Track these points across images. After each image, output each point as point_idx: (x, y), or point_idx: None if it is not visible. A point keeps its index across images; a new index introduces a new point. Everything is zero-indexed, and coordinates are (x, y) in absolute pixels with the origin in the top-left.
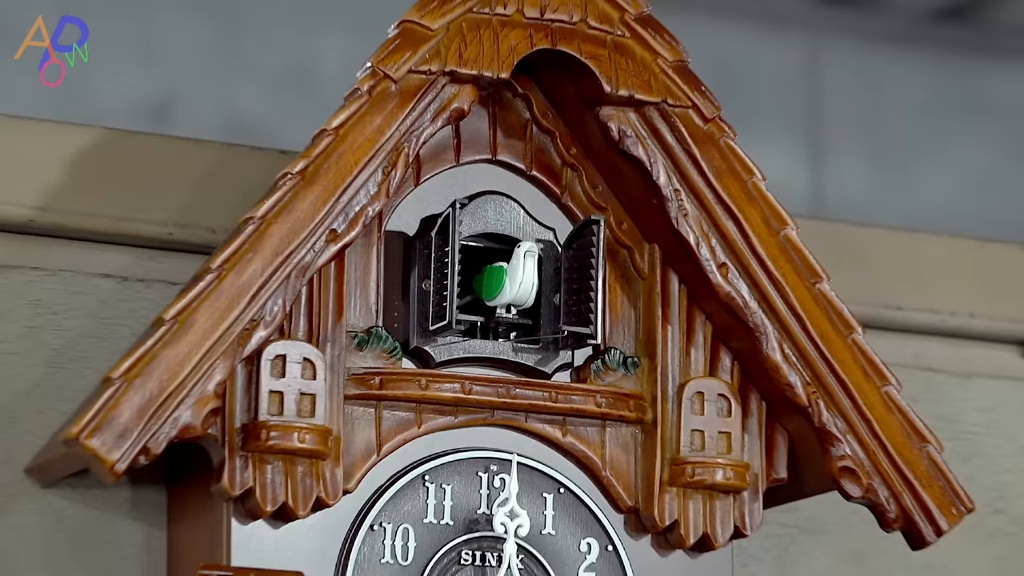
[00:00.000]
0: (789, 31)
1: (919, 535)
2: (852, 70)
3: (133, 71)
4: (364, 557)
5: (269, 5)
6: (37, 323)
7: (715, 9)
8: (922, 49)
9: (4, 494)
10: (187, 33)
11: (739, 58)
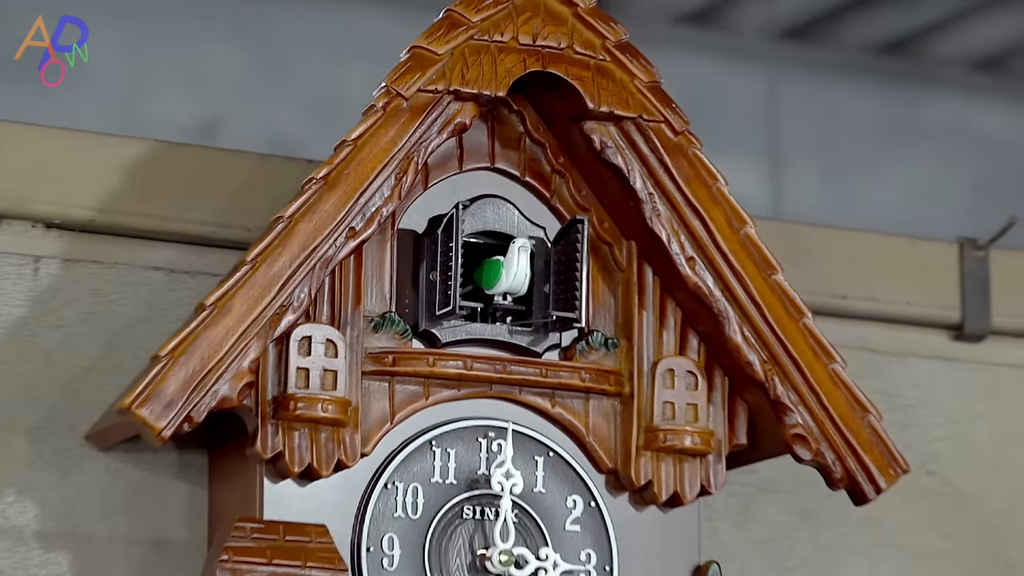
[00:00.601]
0: (752, 63)
1: (861, 493)
2: (807, 97)
3: (182, 95)
4: (379, 512)
5: (302, 38)
6: (96, 310)
7: (688, 44)
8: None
9: (67, 458)
10: (229, 62)
11: (709, 87)
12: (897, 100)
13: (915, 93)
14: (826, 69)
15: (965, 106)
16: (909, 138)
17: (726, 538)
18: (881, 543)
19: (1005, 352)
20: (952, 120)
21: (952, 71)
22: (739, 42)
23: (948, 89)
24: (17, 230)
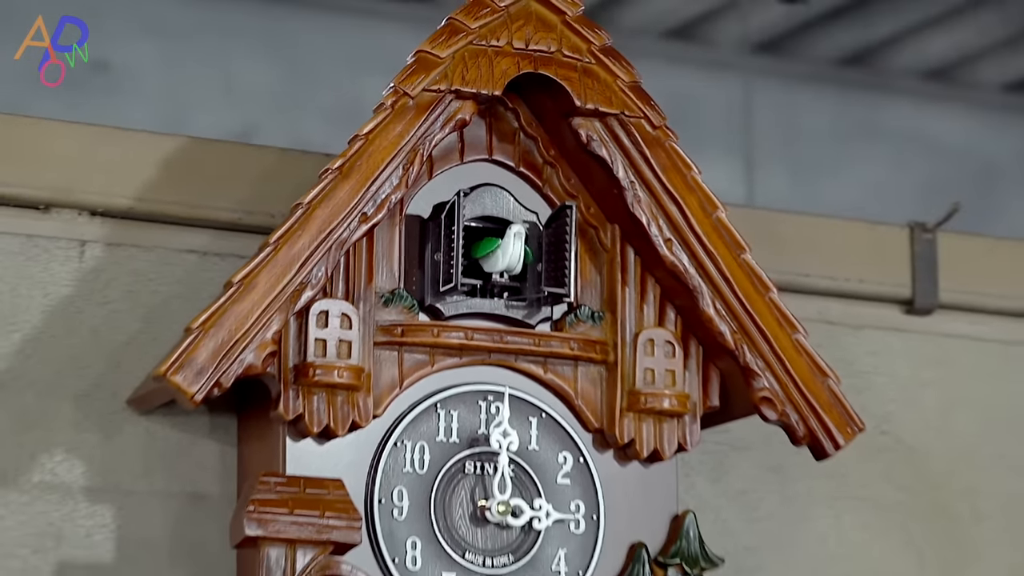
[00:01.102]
0: (728, 74)
1: (822, 449)
2: (776, 104)
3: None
4: (390, 467)
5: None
6: (136, 288)
7: (671, 57)
8: (830, 87)
9: (110, 421)
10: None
11: (689, 94)
12: (856, 106)
13: (872, 100)
14: (793, 79)
15: (916, 112)
16: (866, 140)
17: (702, 491)
18: (843, 495)
19: (951, 325)
20: (905, 124)
21: (905, 80)
22: (716, 55)
23: (901, 97)
24: (65, 217)
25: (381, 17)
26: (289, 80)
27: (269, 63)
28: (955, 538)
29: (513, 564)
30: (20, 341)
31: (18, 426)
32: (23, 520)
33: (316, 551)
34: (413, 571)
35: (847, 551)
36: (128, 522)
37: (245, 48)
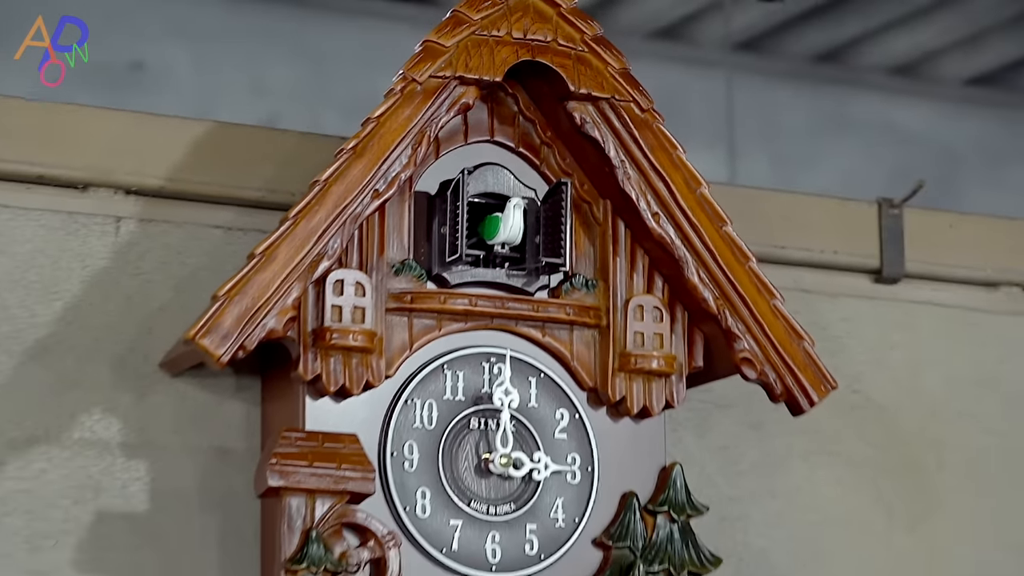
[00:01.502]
0: (711, 71)
1: (798, 405)
2: (756, 98)
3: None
4: (400, 423)
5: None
6: (168, 260)
7: (659, 55)
8: (805, 82)
9: (143, 383)
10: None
11: (675, 90)
12: (829, 100)
13: (843, 94)
14: (772, 75)
15: (884, 104)
16: (838, 130)
17: (687, 445)
18: (817, 450)
19: (916, 292)
20: (873, 116)
21: (874, 76)
22: (700, 54)
23: (870, 91)
24: (102, 196)
25: (392, 19)
26: (309, 77)
27: (291, 62)
28: (921, 489)
29: (515, 512)
30: (61, 309)
31: (59, 387)
32: (65, 473)
33: (333, 500)
34: (423, 519)
35: (821, 502)
36: (161, 475)
37: (270, 48)
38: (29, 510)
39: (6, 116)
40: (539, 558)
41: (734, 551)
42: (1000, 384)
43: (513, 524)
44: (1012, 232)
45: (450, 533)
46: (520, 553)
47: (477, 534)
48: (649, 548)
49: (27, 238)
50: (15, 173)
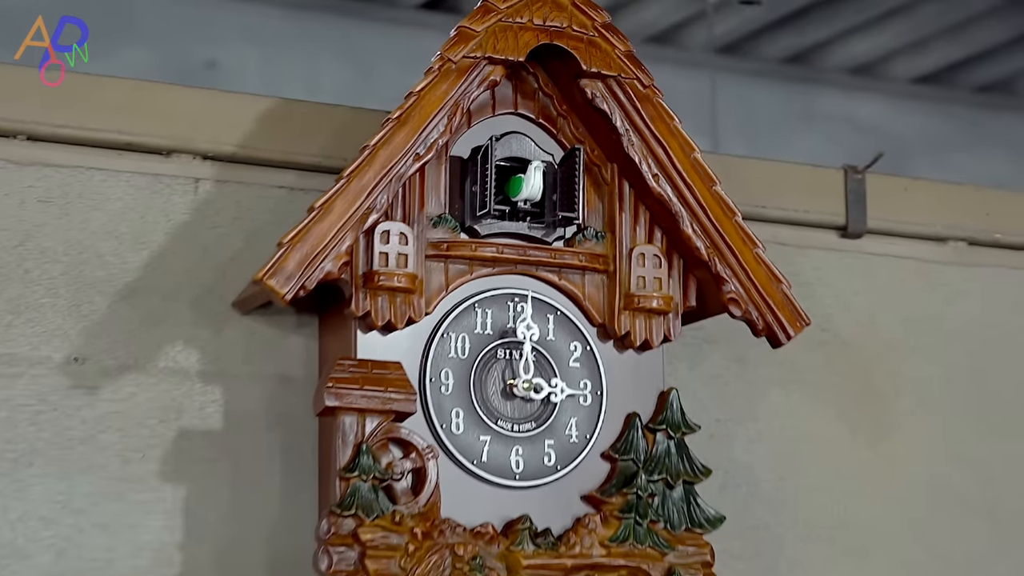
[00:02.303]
0: (697, 71)
1: (776, 339)
2: (735, 94)
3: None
4: (438, 353)
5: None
6: (239, 215)
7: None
8: (778, 81)
9: (218, 320)
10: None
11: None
12: (797, 95)
13: (810, 90)
14: (749, 74)
15: (844, 99)
16: (806, 122)
17: (682, 374)
18: (792, 379)
19: (876, 246)
20: (835, 109)
21: (836, 75)
22: (688, 56)
23: (833, 87)
24: (183, 160)
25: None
26: (355, 76)
27: (340, 62)
28: (880, 412)
29: (535, 430)
30: (148, 256)
31: (147, 323)
32: (151, 396)
33: (381, 419)
34: (457, 435)
35: (796, 422)
36: (232, 398)
37: (322, 51)
38: (121, 428)
39: (101, 92)
40: (556, 469)
41: (721, 464)
42: (946, 323)
43: (534, 440)
44: (957, 195)
45: (480, 447)
46: (540, 464)
47: (503, 448)
48: (650, 460)
49: (119, 196)
50: (109, 141)
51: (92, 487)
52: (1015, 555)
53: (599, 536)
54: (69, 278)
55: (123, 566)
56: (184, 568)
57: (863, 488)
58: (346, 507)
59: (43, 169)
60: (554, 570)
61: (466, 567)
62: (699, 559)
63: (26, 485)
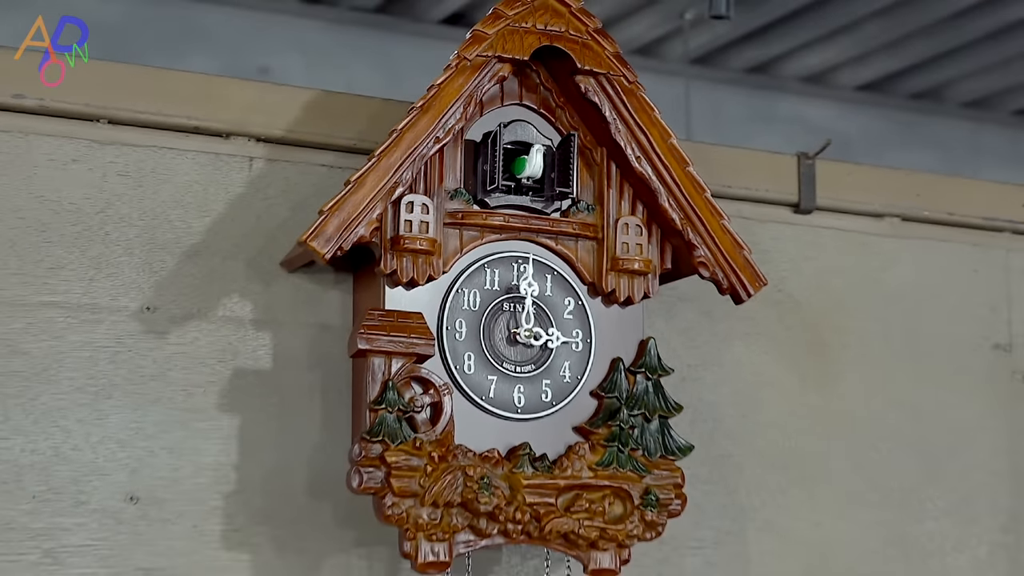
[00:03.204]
0: (673, 79)
1: (739, 296)
2: (706, 99)
3: None
4: (453, 306)
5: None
6: (286, 189)
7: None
8: (742, 87)
9: (267, 277)
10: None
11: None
12: (759, 100)
13: (769, 96)
14: (717, 82)
15: (798, 104)
16: (766, 123)
17: (659, 327)
18: (752, 332)
19: (824, 220)
20: (791, 112)
21: (791, 83)
22: (666, 66)
23: (789, 94)
24: (240, 142)
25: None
26: (387, 79)
27: (374, 69)
28: (826, 361)
29: (534, 371)
30: (210, 223)
31: (208, 279)
32: (211, 341)
33: (404, 360)
34: (468, 374)
35: (754, 368)
36: (280, 343)
37: (359, 60)
38: (185, 367)
39: (172, 84)
40: (551, 404)
41: (691, 402)
42: (882, 286)
43: (533, 379)
44: (892, 178)
45: (488, 385)
46: (538, 400)
47: (507, 386)
48: (631, 398)
49: (185, 171)
50: (178, 125)
51: (160, 416)
52: (940, 483)
53: (587, 461)
54: (143, 240)
55: (186, 483)
56: (238, 485)
57: (812, 425)
58: (374, 434)
59: (122, 148)
60: (549, 489)
61: (475, 485)
62: (671, 481)
63: (105, 414)
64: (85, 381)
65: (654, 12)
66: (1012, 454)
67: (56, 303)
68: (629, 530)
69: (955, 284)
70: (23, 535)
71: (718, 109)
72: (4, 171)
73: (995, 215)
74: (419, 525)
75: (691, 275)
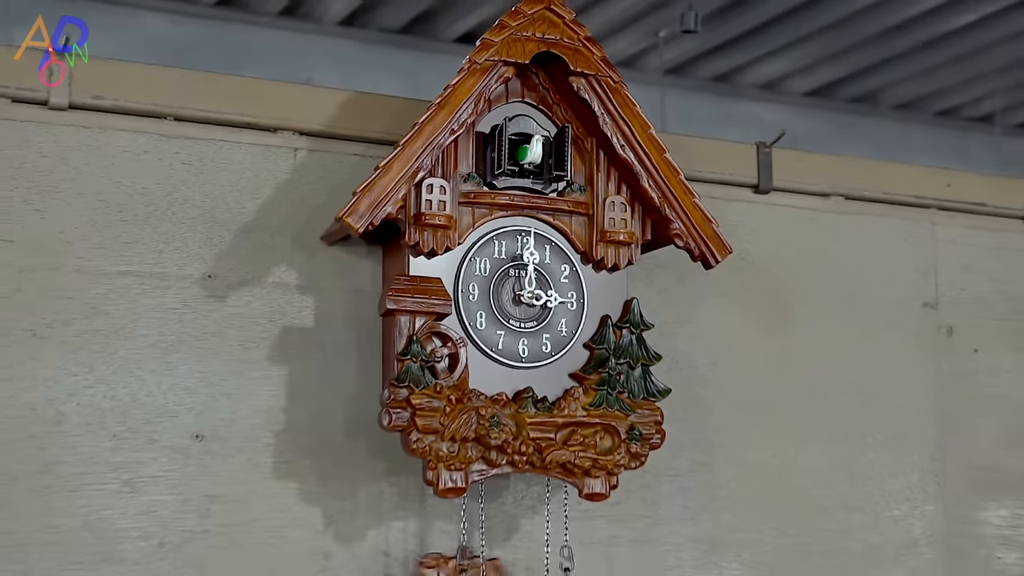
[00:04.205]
0: (650, 88)
1: (708, 263)
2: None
3: None
4: (467, 272)
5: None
6: (324, 175)
7: None
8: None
9: (310, 249)
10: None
11: None
12: (722, 104)
13: (731, 101)
14: (687, 89)
15: (755, 108)
16: (728, 123)
17: (640, 289)
18: (718, 293)
19: (779, 200)
20: (749, 114)
21: (749, 90)
22: (644, 76)
23: (747, 99)
24: (286, 135)
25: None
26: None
27: (400, 80)
28: (783, 318)
29: (536, 327)
30: (261, 203)
31: (259, 251)
32: (263, 303)
33: (426, 318)
34: (480, 330)
35: (721, 324)
36: (321, 305)
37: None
38: (241, 325)
39: (228, 87)
40: (551, 354)
41: (668, 353)
42: (829, 255)
43: (535, 334)
44: (837, 164)
45: (497, 339)
46: (539, 351)
47: (513, 340)
48: (617, 349)
49: (239, 160)
50: (233, 121)
51: (221, 367)
52: (878, 421)
53: (581, 402)
54: (204, 218)
55: (243, 423)
56: (286, 425)
57: (770, 372)
58: (401, 381)
59: (185, 141)
60: (549, 426)
61: (487, 423)
62: (652, 419)
63: (174, 366)
64: (157, 338)
65: (634, 31)
66: (938, 396)
67: (131, 272)
68: (617, 460)
69: (889, 252)
70: (105, 468)
71: (689, 112)
72: (87, 161)
73: (923, 194)
74: (440, 457)
75: (668, 245)
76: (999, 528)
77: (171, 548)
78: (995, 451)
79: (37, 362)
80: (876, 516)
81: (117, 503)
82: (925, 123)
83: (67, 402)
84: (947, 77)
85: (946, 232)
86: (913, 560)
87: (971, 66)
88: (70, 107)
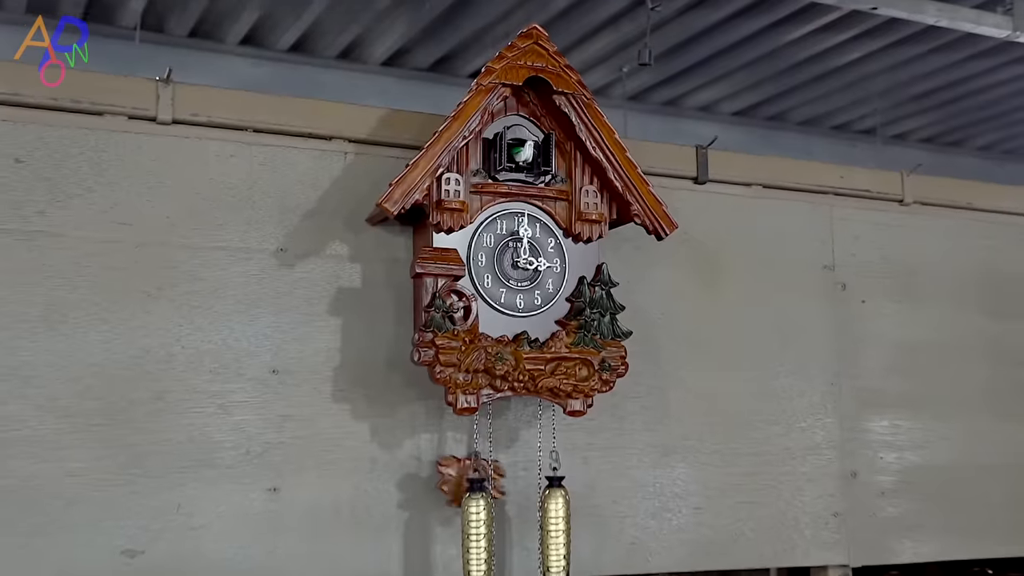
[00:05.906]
0: (614, 111)
1: (660, 235)
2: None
3: None
4: (477, 244)
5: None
6: (368, 172)
7: None
8: (662, 116)
9: (358, 228)
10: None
11: None
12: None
13: (677, 121)
14: (643, 112)
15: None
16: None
17: (609, 256)
18: (669, 260)
19: (714, 188)
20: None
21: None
22: (610, 102)
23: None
24: (339, 143)
25: None
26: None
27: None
28: (720, 279)
29: (530, 285)
30: (320, 195)
31: (319, 230)
32: (323, 269)
33: (446, 279)
34: (487, 288)
35: (671, 281)
36: (367, 270)
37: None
38: (306, 287)
39: (295, 107)
40: (542, 306)
41: (630, 304)
42: (753, 232)
43: (529, 290)
44: (756, 162)
45: (500, 295)
46: (533, 304)
47: (512, 296)
48: (591, 302)
49: (303, 161)
50: (297, 131)
51: (291, 319)
52: (788, 354)
53: (565, 342)
54: (277, 206)
55: (309, 360)
56: (340, 362)
57: (707, 319)
58: (427, 327)
59: (262, 147)
60: (540, 361)
61: (493, 358)
62: (618, 355)
63: (256, 318)
64: (242, 296)
65: (603, 67)
66: (835, 336)
67: (221, 247)
68: (592, 386)
69: (797, 228)
70: (204, 395)
71: (645, 130)
72: (188, 162)
73: (822, 184)
74: (457, 384)
75: (629, 222)
76: (881, 435)
77: (255, 456)
78: (878, 377)
79: (150, 315)
80: (788, 426)
81: (213, 422)
82: (823, 135)
83: (174, 346)
84: (839, 99)
85: (840, 212)
86: (817, 459)
87: (858, 90)
88: (173, 122)
